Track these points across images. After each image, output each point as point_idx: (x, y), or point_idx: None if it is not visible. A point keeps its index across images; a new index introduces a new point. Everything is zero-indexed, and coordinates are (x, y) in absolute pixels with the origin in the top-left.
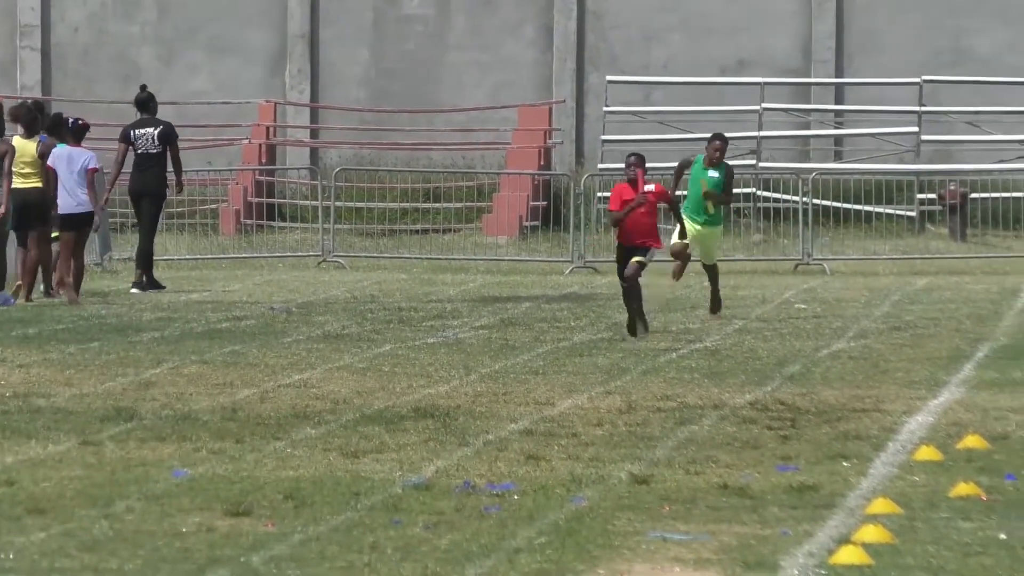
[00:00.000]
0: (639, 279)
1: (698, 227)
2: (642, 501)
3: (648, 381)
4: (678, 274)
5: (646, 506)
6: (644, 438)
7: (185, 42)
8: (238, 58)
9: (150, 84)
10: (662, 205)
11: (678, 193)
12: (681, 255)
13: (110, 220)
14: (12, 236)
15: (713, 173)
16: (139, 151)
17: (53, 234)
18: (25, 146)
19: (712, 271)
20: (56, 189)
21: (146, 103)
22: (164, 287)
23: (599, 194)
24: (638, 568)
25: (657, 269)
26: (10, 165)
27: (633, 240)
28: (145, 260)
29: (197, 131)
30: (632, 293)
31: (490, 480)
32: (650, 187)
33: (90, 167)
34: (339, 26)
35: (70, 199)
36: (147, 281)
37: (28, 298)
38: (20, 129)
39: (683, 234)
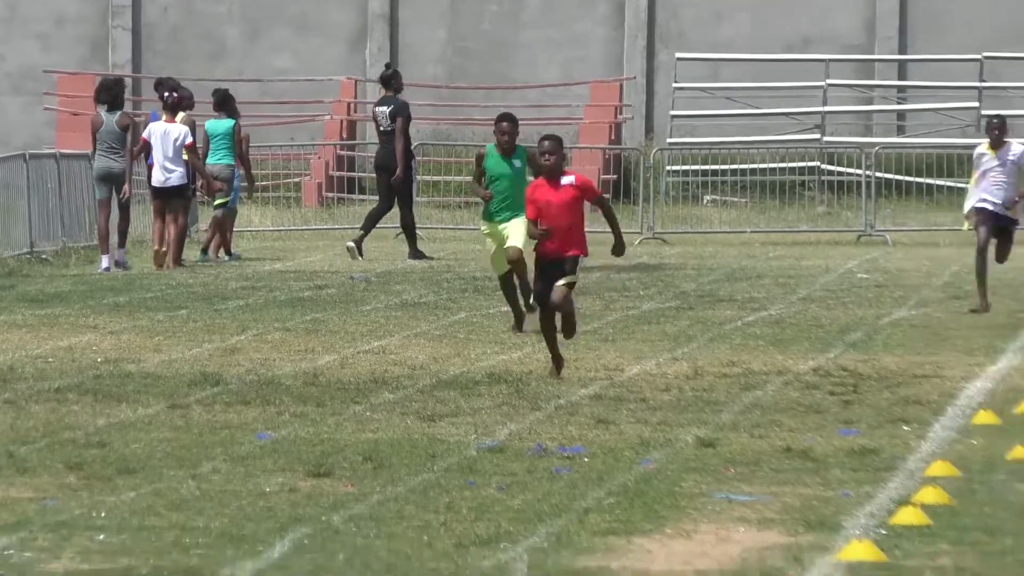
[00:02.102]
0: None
1: (505, 225)
2: (708, 464)
3: (714, 348)
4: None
5: (712, 468)
6: (710, 403)
7: (270, 21)
8: (321, 37)
9: (235, 62)
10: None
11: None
12: (519, 262)
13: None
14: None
15: (516, 162)
16: (380, 128)
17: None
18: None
19: (521, 268)
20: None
21: (388, 81)
22: (432, 258)
23: (668, 167)
24: (704, 528)
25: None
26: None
27: (553, 248)
28: (408, 232)
29: (281, 107)
30: (550, 323)
31: (561, 443)
32: (570, 179)
33: (187, 142)
34: (417, 6)
35: (160, 173)
36: (410, 251)
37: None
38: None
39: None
